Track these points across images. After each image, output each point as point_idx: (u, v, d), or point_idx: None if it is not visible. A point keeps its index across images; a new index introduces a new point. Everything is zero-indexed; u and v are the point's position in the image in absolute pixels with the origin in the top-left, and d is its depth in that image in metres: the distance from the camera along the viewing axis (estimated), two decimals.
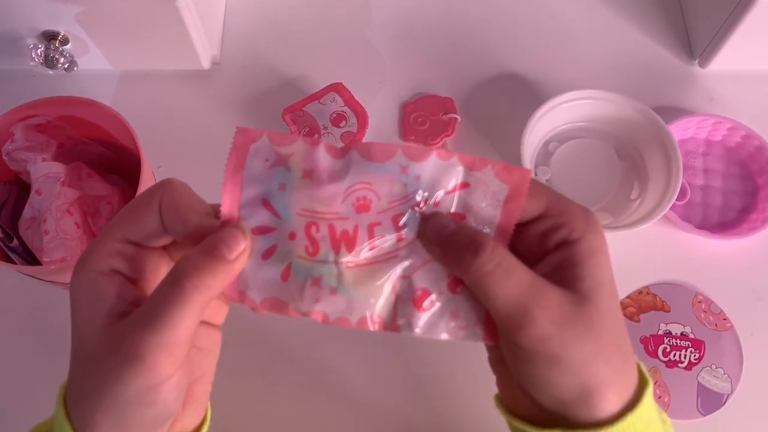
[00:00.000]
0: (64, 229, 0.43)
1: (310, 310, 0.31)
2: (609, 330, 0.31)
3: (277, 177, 0.31)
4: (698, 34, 0.64)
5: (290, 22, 0.67)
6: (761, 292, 0.56)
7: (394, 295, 0.32)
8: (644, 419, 0.31)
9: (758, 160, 0.60)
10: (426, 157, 0.31)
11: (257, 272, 0.31)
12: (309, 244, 0.31)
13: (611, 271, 0.32)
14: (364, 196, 0.31)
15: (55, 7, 0.54)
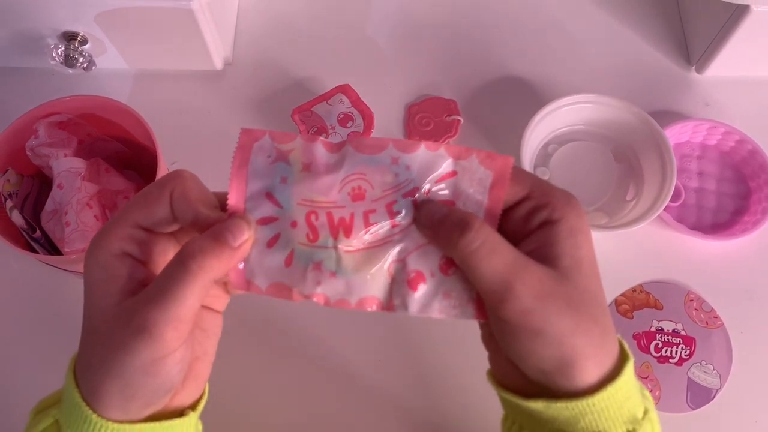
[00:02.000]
0: (84, 221, 0.45)
1: (312, 292, 0.33)
2: (587, 305, 0.32)
3: (278, 171, 0.34)
4: (696, 41, 0.66)
5: (300, 24, 0.69)
6: (752, 291, 0.58)
7: (390, 278, 0.34)
8: (623, 391, 0.33)
9: (751, 164, 0.62)
10: (415, 148, 0.33)
11: (263, 260, 0.34)
12: (309, 231, 0.33)
13: (592, 251, 0.34)
14: (359, 186, 0.34)
15: (76, 9, 0.56)
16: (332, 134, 0.60)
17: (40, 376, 0.53)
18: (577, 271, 0.33)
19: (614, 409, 0.33)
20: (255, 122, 0.64)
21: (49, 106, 0.47)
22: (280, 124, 0.63)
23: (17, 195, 0.46)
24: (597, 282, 0.34)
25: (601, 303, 0.34)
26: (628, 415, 0.34)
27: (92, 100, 0.48)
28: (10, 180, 0.46)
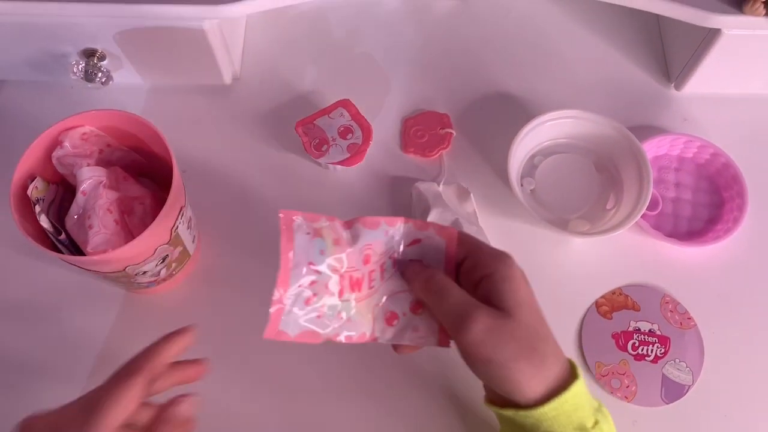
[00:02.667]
0: (106, 224, 0.50)
1: (336, 334, 0.44)
2: (527, 337, 0.42)
3: (317, 245, 0.43)
4: (675, 60, 0.70)
5: (303, 42, 0.73)
6: (723, 295, 0.62)
7: (373, 317, 0.45)
8: (571, 403, 0.42)
9: (725, 176, 0.66)
10: (396, 223, 0.46)
11: (298, 315, 0.43)
12: (341, 290, 0.44)
13: (529, 293, 0.44)
14: (367, 254, 0.45)
15: (96, 28, 0.61)
16: (333, 145, 0.64)
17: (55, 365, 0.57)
18: (518, 309, 0.42)
19: (564, 418, 0.42)
20: (261, 134, 0.67)
21: (73, 120, 0.52)
22: (285, 136, 0.67)
23: (44, 200, 0.51)
24: (537, 317, 0.43)
25: (541, 334, 0.43)
26: (578, 422, 0.42)
27: (112, 113, 0.52)
28: (38, 187, 0.50)
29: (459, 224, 0.60)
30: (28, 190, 0.49)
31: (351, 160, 0.63)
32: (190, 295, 0.60)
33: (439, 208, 0.60)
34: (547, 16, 0.75)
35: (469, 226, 0.60)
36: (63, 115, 0.68)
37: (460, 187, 0.64)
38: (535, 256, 0.62)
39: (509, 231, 0.63)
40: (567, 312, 0.60)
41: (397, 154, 0.67)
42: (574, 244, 0.63)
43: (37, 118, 0.67)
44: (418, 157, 0.67)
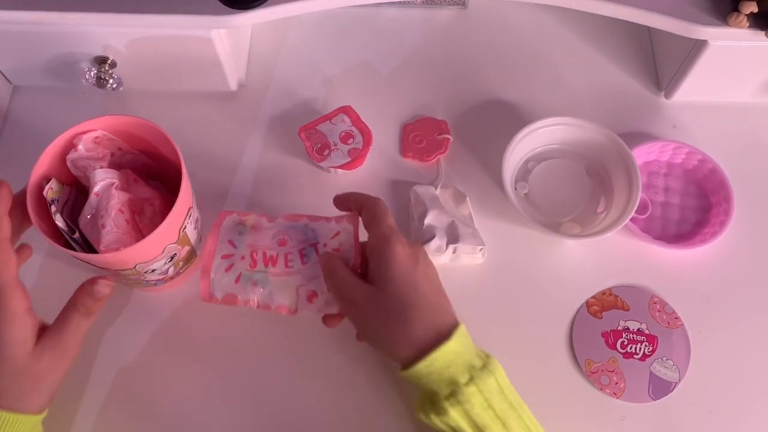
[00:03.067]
0: (118, 224, 0.52)
1: (249, 298, 0.54)
2: (394, 308, 0.49)
3: (237, 229, 0.57)
4: (665, 69, 0.73)
5: (307, 50, 0.75)
6: (709, 296, 0.64)
7: (296, 294, 0.54)
8: (440, 362, 0.48)
9: (712, 181, 0.68)
10: (319, 220, 0.57)
11: (221, 280, 0.54)
12: (251, 262, 0.55)
13: (404, 268, 0.50)
14: (282, 238, 0.57)
15: (107, 37, 0.63)
16: (334, 150, 0.66)
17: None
18: (388, 283, 0.50)
19: (437, 375, 0.48)
20: (265, 138, 0.70)
21: (86, 124, 0.54)
22: (288, 141, 0.69)
23: (58, 201, 0.53)
24: (408, 289, 0.50)
25: (407, 305, 0.49)
26: (449, 379, 0.48)
27: (124, 118, 0.55)
28: (53, 188, 0.52)
29: (455, 226, 0.62)
30: (44, 190, 0.51)
31: (352, 164, 0.65)
32: (196, 292, 0.62)
33: (435, 211, 0.63)
34: (543, 27, 0.77)
35: (465, 228, 0.63)
36: (75, 120, 0.70)
37: (456, 191, 0.66)
38: (528, 257, 0.65)
39: (503, 233, 0.65)
40: (558, 311, 0.63)
41: (396, 158, 0.69)
42: (566, 246, 0.65)
43: (50, 123, 0.70)
44: (416, 161, 0.69)
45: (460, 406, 0.47)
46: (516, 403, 0.50)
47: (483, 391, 0.48)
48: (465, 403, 0.47)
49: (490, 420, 0.48)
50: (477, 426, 0.47)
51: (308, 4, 0.62)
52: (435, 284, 0.52)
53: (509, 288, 0.63)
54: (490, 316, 0.62)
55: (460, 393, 0.47)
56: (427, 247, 0.61)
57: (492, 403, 0.48)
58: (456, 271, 0.63)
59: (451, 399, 0.47)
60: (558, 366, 0.61)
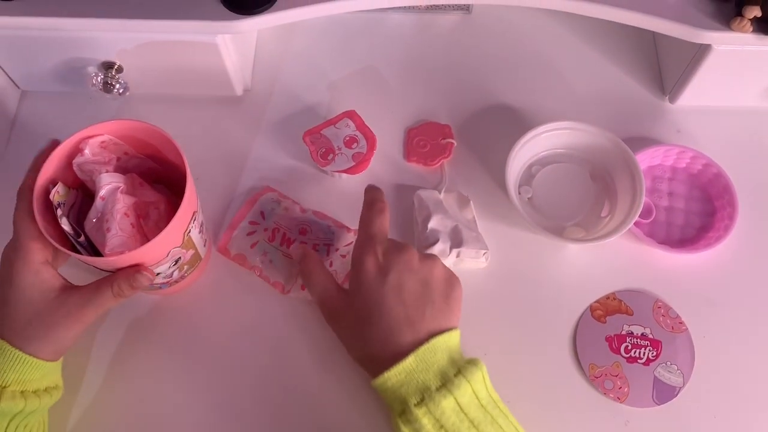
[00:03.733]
0: (123, 228, 0.52)
1: (255, 265, 0.62)
2: (358, 319, 0.52)
3: (271, 205, 0.65)
4: (669, 74, 0.73)
5: (312, 55, 0.76)
6: (713, 300, 0.64)
7: (296, 279, 0.61)
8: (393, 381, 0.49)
9: (716, 185, 0.68)
10: (342, 227, 0.65)
11: (240, 240, 0.63)
12: (271, 236, 0.64)
13: (372, 281, 0.52)
14: (304, 228, 0.64)
15: (114, 42, 0.64)
16: (339, 154, 0.66)
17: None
18: (355, 293, 0.53)
19: (390, 393, 0.50)
20: (270, 143, 0.70)
21: (93, 129, 0.54)
22: (293, 145, 0.69)
23: (65, 204, 0.53)
24: (371, 309, 0.51)
25: (368, 320, 0.51)
26: (401, 399, 0.49)
27: (130, 123, 0.55)
28: (60, 192, 0.53)
29: (459, 230, 0.62)
30: (50, 194, 0.52)
31: (356, 168, 0.66)
32: (200, 296, 0.63)
33: (439, 215, 0.63)
34: (547, 32, 0.78)
35: (469, 232, 0.63)
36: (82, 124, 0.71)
37: (460, 195, 0.67)
38: (532, 261, 0.65)
39: (507, 237, 0.65)
40: (562, 315, 0.63)
41: (400, 163, 0.70)
42: (570, 251, 0.65)
43: (58, 127, 0.70)
44: (420, 165, 0.69)
45: (410, 425, 0.48)
46: (478, 420, 0.49)
47: (433, 412, 0.48)
48: (414, 422, 0.48)
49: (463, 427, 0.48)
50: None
51: (314, 9, 0.62)
52: (409, 296, 0.51)
53: (513, 292, 0.63)
54: (494, 320, 0.62)
55: (409, 413, 0.48)
56: (431, 251, 0.61)
57: (444, 423, 0.48)
58: (459, 275, 0.63)
59: (402, 417, 0.48)
60: (561, 370, 0.61)
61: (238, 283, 0.63)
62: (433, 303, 0.52)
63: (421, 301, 0.52)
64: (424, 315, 0.51)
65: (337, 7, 0.63)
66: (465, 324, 0.61)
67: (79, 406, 0.58)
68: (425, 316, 0.51)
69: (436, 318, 0.52)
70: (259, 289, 0.63)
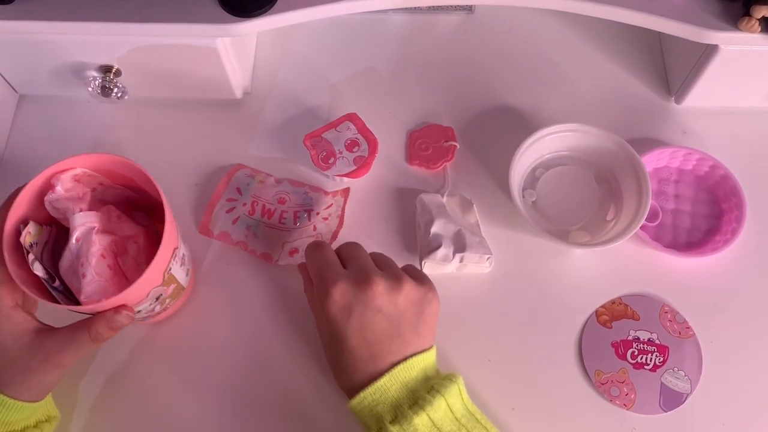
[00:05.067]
0: (99, 272, 0.50)
1: (240, 240, 0.63)
2: (325, 348, 0.54)
3: (246, 180, 0.66)
4: (675, 74, 0.72)
5: (312, 57, 0.75)
6: (721, 305, 0.63)
7: (282, 247, 0.62)
8: (358, 410, 0.50)
9: (723, 187, 0.67)
10: (318, 191, 0.65)
11: (221, 219, 0.64)
12: (251, 209, 0.64)
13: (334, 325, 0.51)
14: (282, 197, 0.65)
15: (113, 45, 0.63)
16: (340, 158, 0.66)
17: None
18: (321, 332, 0.54)
19: (382, 402, 0.50)
20: (270, 146, 0.69)
21: (63, 163, 0.51)
22: (293, 149, 0.68)
23: (37, 244, 0.50)
24: (334, 346, 0.52)
25: (334, 355, 0.52)
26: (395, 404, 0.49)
27: (102, 157, 0.52)
28: (31, 232, 0.50)
29: (462, 235, 0.61)
30: (21, 236, 0.49)
31: (357, 172, 0.65)
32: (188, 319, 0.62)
33: (442, 219, 0.62)
34: (550, 32, 0.77)
35: (472, 236, 0.62)
36: (80, 129, 0.71)
37: (463, 199, 0.66)
38: (537, 266, 0.64)
39: (511, 241, 0.65)
40: (567, 321, 0.62)
41: (402, 166, 0.69)
42: (575, 255, 0.64)
43: (56, 131, 0.70)
44: (422, 169, 0.68)
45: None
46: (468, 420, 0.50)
47: (406, 429, 0.48)
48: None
49: None
50: None
51: (314, 11, 0.62)
52: (372, 335, 0.51)
53: (517, 297, 0.63)
54: (498, 325, 0.61)
55: (385, 430, 0.48)
56: (434, 256, 0.60)
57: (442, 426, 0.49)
58: (463, 280, 0.63)
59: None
60: (567, 377, 0.60)
61: (234, 290, 0.63)
62: (400, 336, 0.51)
63: (387, 338, 0.51)
64: (390, 349, 0.51)
65: (338, 8, 0.62)
66: (468, 330, 0.61)
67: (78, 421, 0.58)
68: (392, 350, 0.51)
69: (403, 350, 0.51)
70: (257, 298, 0.62)
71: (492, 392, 0.59)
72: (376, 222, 0.66)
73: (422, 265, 0.61)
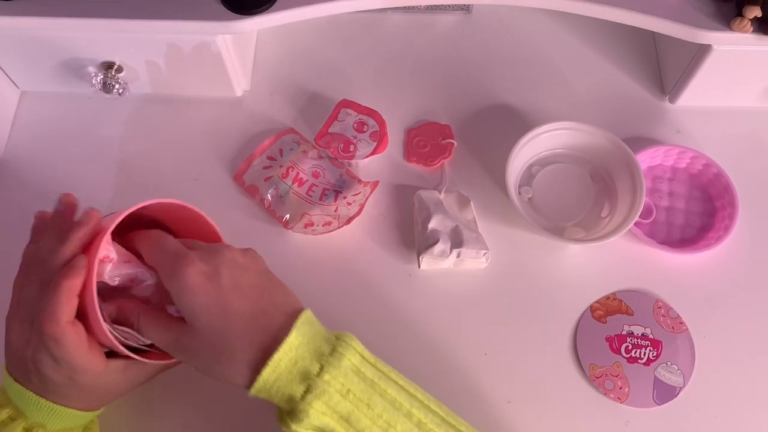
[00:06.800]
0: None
1: (265, 197, 0.66)
2: (212, 345, 0.45)
3: (291, 145, 0.69)
4: (669, 74, 0.73)
5: (312, 56, 0.75)
6: (714, 300, 0.63)
7: (300, 218, 0.64)
8: (281, 369, 0.44)
9: (716, 185, 0.68)
10: (354, 177, 0.67)
11: (256, 172, 0.67)
12: (285, 173, 0.66)
13: (212, 292, 0.45)
14: (317, 172, 0.67)
15: (115, 42, 0.64)
16: (357, 142, 0.67)
17: None
18: (195, 320, 0.45)
19: (286, 377, 0.44)
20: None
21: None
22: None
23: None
24: (219, 319, 0.45)
25: (226, 331, 0.45)
26: (301, 375, 0.44)
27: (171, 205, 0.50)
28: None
29: (459, 230, 0.62)
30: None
31: (380, 146, 0.67)
32: None
33: (440, 215, 0.63)
34: (547, 32, 0.77)
35: (469, 232, 0.63)
36: (81, 125, 0.71)
37: (460, 195, 0.67)
38: (533, 262, 0.65)
39: (507, 238, 0.65)
40: (562, 316, 0.63)
41: (400, 163, 0.69)
42: (570, 251, 0.65)
43: (57, 127, 0.71)
44: (420, 166, 0.69)
45: (318, 400, 0.44)
46: (378, 377, 0.46)
47: (337, 377, 0.44)
48: (322, 395, 0.44)
49: (352, 405, 0.44)
50: (341, 416, 0.44)
51: (314, 9, 0.62)
52: (251, 291, 0.47)
53: (513, 292, 0.63)
54: (494, 320, 0.62)
55: (315, 386, 0.44)
56: (432, 251, 0.61)
57: (350, 386, 0.45)
58: (460, 276, 0.64)
59: (308, 396, 0.44)
60: (562, 370, 0.61)
61: None
62: (279, 289, 0.49)
63: (266, 292, 0.47)
64: (275, 302, 0.47)
65: (337, 7, 0.63)
66: (465, 324, 0.62)
67: None
68: (277, 302, 0.47)
69: (288, 302, 0.48)
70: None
71: (488, 385, 0.59)
72: (374, 218, 0.66)
73: (420, 261, 0.62)
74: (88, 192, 0.56)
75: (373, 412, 0.45)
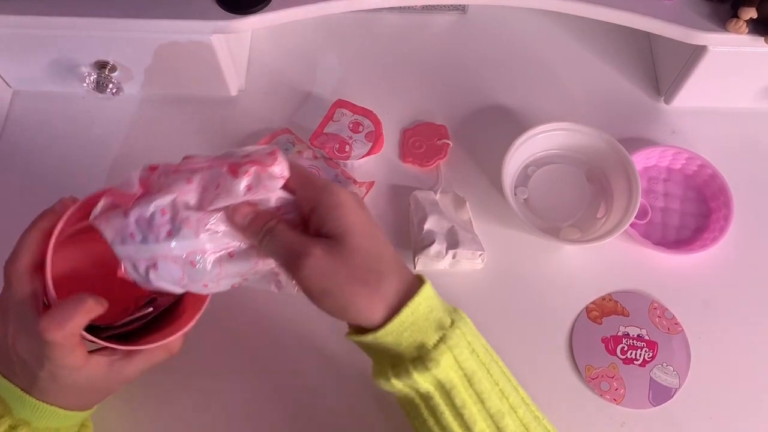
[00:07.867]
0: None
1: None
2: (360, 260, 0.42)
3: (286, 146, 0.67)
4: (664, 75, 0.73)
5: (307, 55, 0.75)
6: (709, 301, 0.64)
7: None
8: (423, 308, 0.43)
9: (711, 186, 0.68)
10: (349, 177, 0.65)
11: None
12: None
13: (361, 216, 0.43)
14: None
15: (108, 41, 0.63)
16: (353, 142, 0.67)
17: None
18: (347, 235, 0.42)
19: (421, 323, 0.42)
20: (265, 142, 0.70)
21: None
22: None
23: None
24: (370, 239, 0.43)
25: (375, 254, 0.43)
26: (436, 324, 0.42)
27: None
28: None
29: (455, 231, 0.62)
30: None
31: (375, 147, 0.67)
32: None
33: (435, 216, 0.63)
34: (543, 32, 0.77)
35: (465, 233, 0.62)
36: (74, 125, 0.71)
37: (456, 196, 0.66)
38: (528, 262, 0.65)
39: (503, 238, 0.65)
40: (558, 316, 0.63)
41: (395, 163, 0.69)
42: (566, 252, 0.65)
43: (50, 127, 0.70)
44: (416, 166, 0.69)
45: (450, 352, 0.42)
46: (489, 349, 0.46)
47: (467, 334, 0.44)
48: (455, 347, 0.43)
49: (476, 365, 0.43)
50: (465, 373, 0.43)
51: (309, 9, 0.62)
52: (381, 231, 0.46)
53: (509, 293, 0.63)
54: (490, 321, 0.61)
55: (449, 337, 0.43)
56: (427, 252, 0.61)
57: (475, 347, 0.44)
58: (456, 277, 0.63)
59: (441, 346, 0.42)
60: (558, 372, 0.60)
61: None
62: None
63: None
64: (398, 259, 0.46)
65: (332, 7, 0.63)
66: None
67: None
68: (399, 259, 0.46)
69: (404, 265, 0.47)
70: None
71: None
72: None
73: (416, 261, 0.62)
74: (80, 192, 0.55)
75: (491, 377, 0.44)
